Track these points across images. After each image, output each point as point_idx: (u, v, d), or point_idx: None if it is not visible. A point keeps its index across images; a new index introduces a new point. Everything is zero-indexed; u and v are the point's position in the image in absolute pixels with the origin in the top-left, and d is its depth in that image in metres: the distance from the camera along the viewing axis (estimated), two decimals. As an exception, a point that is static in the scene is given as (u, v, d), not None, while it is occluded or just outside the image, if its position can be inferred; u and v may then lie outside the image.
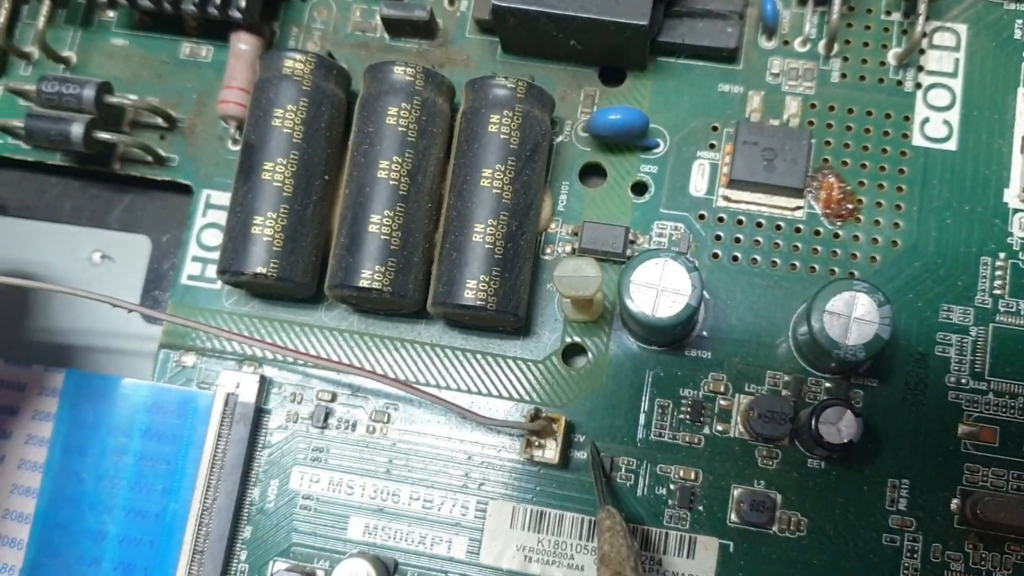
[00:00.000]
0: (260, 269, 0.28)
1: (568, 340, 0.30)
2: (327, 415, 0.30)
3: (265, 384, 0.30)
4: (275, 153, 0.29)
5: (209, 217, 0.32)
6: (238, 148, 0.32)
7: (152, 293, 0.33)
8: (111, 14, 0.33)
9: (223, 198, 0.32)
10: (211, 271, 0.31)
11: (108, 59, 0.33)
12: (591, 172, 0.31)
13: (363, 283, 0.28)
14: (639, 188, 0.31)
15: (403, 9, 0.31)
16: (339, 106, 0.30)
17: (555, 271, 0.27)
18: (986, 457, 0.28)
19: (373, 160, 0.29)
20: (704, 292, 0.28)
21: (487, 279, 0.28)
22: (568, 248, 0.30)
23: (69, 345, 0.32)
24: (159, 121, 0.32)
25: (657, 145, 0.31)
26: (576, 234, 0.30)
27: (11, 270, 0.33)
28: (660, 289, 0.27)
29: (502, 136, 0.28)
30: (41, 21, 0.32)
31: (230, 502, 0.29)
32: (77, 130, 0.30)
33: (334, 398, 0.30)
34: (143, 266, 0.33)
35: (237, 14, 0.31)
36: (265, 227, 0.28)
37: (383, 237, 0.28)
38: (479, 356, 0.30)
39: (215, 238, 0.31)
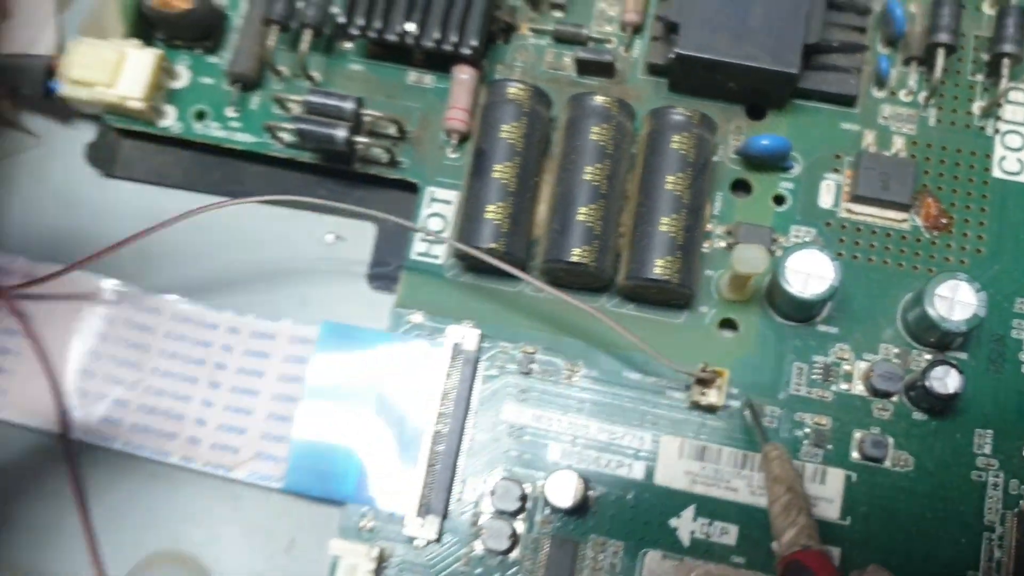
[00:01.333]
0: (493, 244, 0.36)
1: (723, 316, 0.38)
2: (531, 363, 0.38)
3: (482, 338, 0.38)
4: (502, 158, 0.37)
5: (432, 208, 0.40)
6: (456, 155, 0.40)
7: (377, 269, 0.41)
8: (349, 45, 0.42)
9: (444, 194, 0.40)
10: (434, 250, 0.39)
11: (348, 80, 0.41)
12: (739, 186, 0.40)
13: (574, 259, 0.36)
14: (778, 200, 0.39)
15: (595, 54, 0.40)
16: (546, 124, 0.39)
17: (733, 252, 0.35)
18: (1052, 415, 0.36)
19: (580, 167, 0.37)
20: (836, 279, 0.36)
21: (672, 259, 0.36)
22: (723, 244, 0.38)
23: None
24: (392, 132, 0.40)
25: (792, 167, 0.39)
26: (730, 233, 0.38)
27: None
28: (809, 274, 0.35)
29: (682, 152, 0.37)
30: (304, 45, 0.40)
31: (457, 427, 0.36)
32: (341, 134, 0.38)
33: (535, 351, 0.38)
34: (370, 246, 0.41)
35: (467, 51, 0.39)
36: (496, 214, 0.36)
37: (588, 224, 0.36)
38: (652, 323, 0.38)
39: (437, 224, 0.39)
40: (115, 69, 0.40)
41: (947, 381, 0.34)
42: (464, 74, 0.40)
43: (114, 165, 0.42)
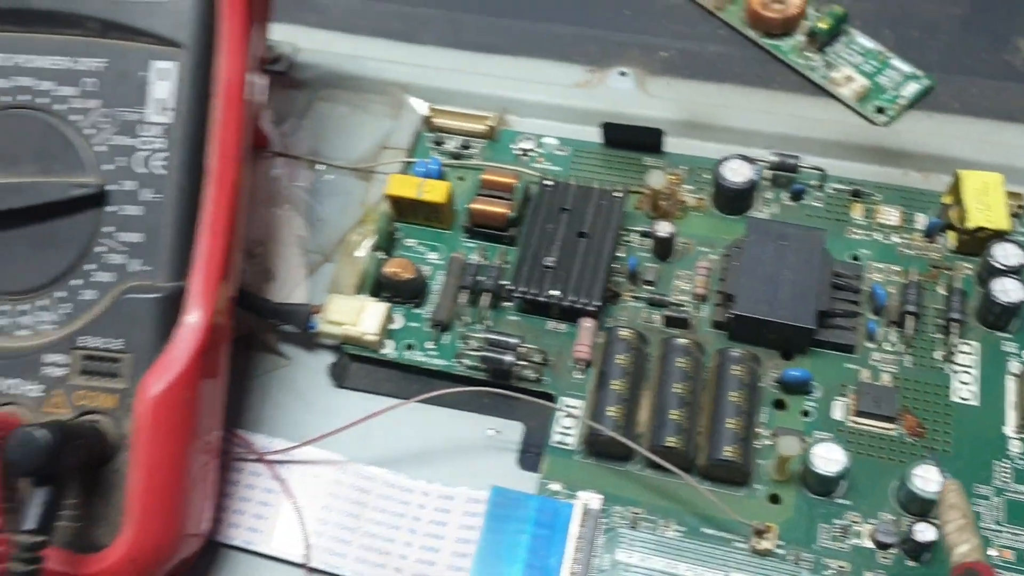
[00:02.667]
0: (614, 435, 0.54)
1: (771, 492, 0.54)
2: (636, 520, 0.54)
3: (603, 501, 0.54)
4: (618, 377, 0.56)
5: (565, 411, 0.58)
6: (582, 376, 0.58)
7: (525, 454, 0.58)
8: (509, 303, 0.62)
9: (572, 402, 0.58)
10: (568, 440, 0.57)
11: (507, 327, 0.61)
12: (777, 404, 0.57)
13: (669, 443, 0.53)
14: (805, 413, 0.57)
15: (676, 312, 0.59)
16: (645, 357, 0.57)
17: (778, 441, 0.52)
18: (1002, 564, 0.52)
19: (671, 384, 0.55)
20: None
21: (736, 447, 0.53)
22: (768, 442, 0.56)
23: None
24: (538, 359, 0.59)
25: (814, 391, 0.57)
26: (773, 435, 0.56)
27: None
28: (828, 459, 0.52)
29: (739, 377, 0.55)
30: (483, 302, 0.60)
31: (586, 563, 0.52)
32: (508, 359, 0.57)
33: (640, 512, 0.54)
34: (519, 438, 0.59)
35: (592, 308, 0.59)
36: (614, 414, 0.54)
37: (678, 422, 0.54)
38: (721, 495, 0.54)
39: (568, 424, 0.57)
40: (358, 314, 0.59)
41: (926, 534, 0.51)
42: (588, 323, 0.59)
43: (345, 379, 0.61)
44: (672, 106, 0.69)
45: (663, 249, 0.61)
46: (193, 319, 0.50)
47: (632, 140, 0.66)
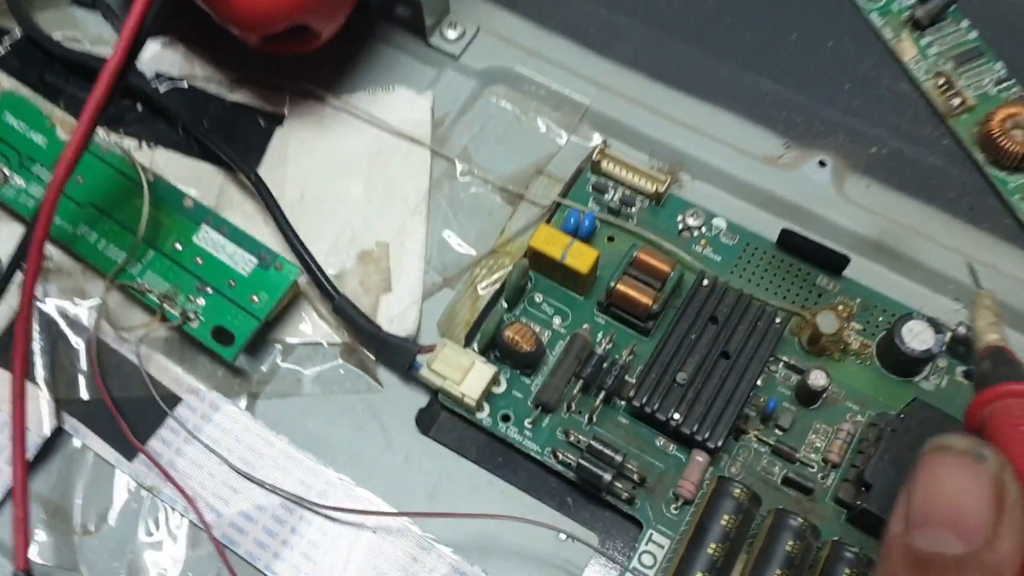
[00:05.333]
0: (694, 603, 0.49)
1: None
2: None
3: (661, 663, 0.51)
4: (717, 539, 0.50)
5: (648, 548, 0.53)
6: (677, 514, 0.54)
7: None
8: (622, 402, 0.57)
9: (659, 539, 0.53)
10: (648, 572, 0.53)
11: (613, 427, 0.55)
12: None
13: (750, 635, 0.49)
14: (907, 632, 0.51)
15: (800, 477, 0.54)
16: (753, 516, 0.52)
17: None
18: None
19: (773, 563, 0.50)
20: None
21: (819, 661, 0.48)
22: (855, 652, 0.51)
23: None
24: (636, 478, 0.54)
25: (922, 611, 0.52)
26: (863, 647, 0.51)
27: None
28: None
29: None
30: (597, 400, 0.55)
31: None
32: (607, 478, 0.52)
33: None
34: (592, 549, 0.55)
35: (711, 445, 0.53)
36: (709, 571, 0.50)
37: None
38: None
39: (648, 560, 0.53)
40: (464, 373, 0.55)
41: None
42: (700, 457, 0.54)
43: (431, 428, 0.57)
44: (865, 218, 0.61)
45: (808, 397, 0.55)
46: None
47: (812, 255, 0.59)
